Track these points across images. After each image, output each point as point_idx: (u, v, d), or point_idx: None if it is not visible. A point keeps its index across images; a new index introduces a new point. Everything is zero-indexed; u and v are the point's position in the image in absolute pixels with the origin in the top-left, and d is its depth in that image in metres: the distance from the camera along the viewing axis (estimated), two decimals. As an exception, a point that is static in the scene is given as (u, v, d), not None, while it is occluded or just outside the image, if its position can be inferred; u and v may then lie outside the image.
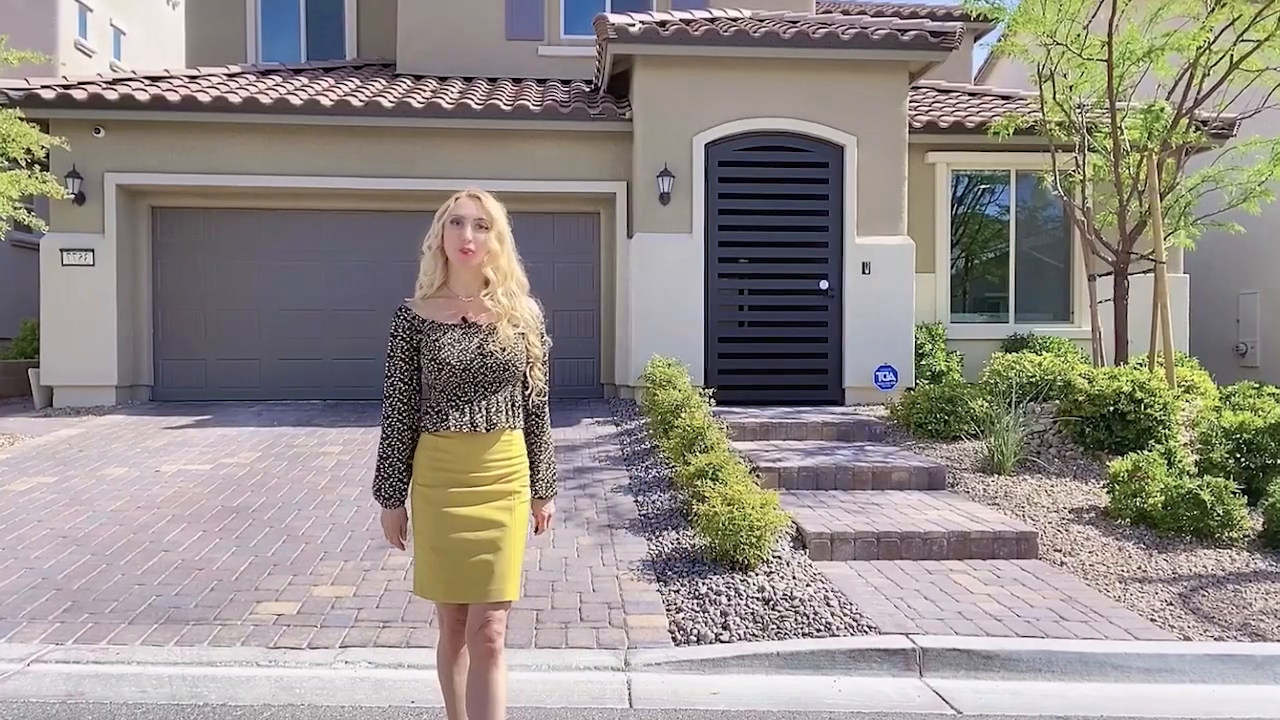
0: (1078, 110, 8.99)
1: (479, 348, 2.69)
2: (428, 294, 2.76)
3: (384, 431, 2.76)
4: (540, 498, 2.91)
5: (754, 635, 4.26)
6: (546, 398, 2.90)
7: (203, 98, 9.57)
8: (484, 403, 2.71)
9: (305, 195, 10.19)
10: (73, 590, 4.68)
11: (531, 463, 2.86)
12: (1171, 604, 4.69)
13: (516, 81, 11.45)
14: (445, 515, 2.68)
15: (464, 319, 2.72)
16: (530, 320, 2.79)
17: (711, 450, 6.07)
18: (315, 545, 5.36)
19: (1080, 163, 8.90)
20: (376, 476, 2.77)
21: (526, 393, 2.81)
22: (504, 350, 2.71)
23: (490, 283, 2.74)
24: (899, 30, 9.49)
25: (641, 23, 9.41)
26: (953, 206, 11.01)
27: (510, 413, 2.77)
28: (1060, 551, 5.44)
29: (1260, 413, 6.60)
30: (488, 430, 2.71)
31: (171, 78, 10.62)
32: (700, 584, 4.73)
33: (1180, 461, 6.42)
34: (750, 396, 9.30)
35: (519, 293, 2.78)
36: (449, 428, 2.69)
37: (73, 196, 9.47)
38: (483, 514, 2.69)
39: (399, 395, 2.74)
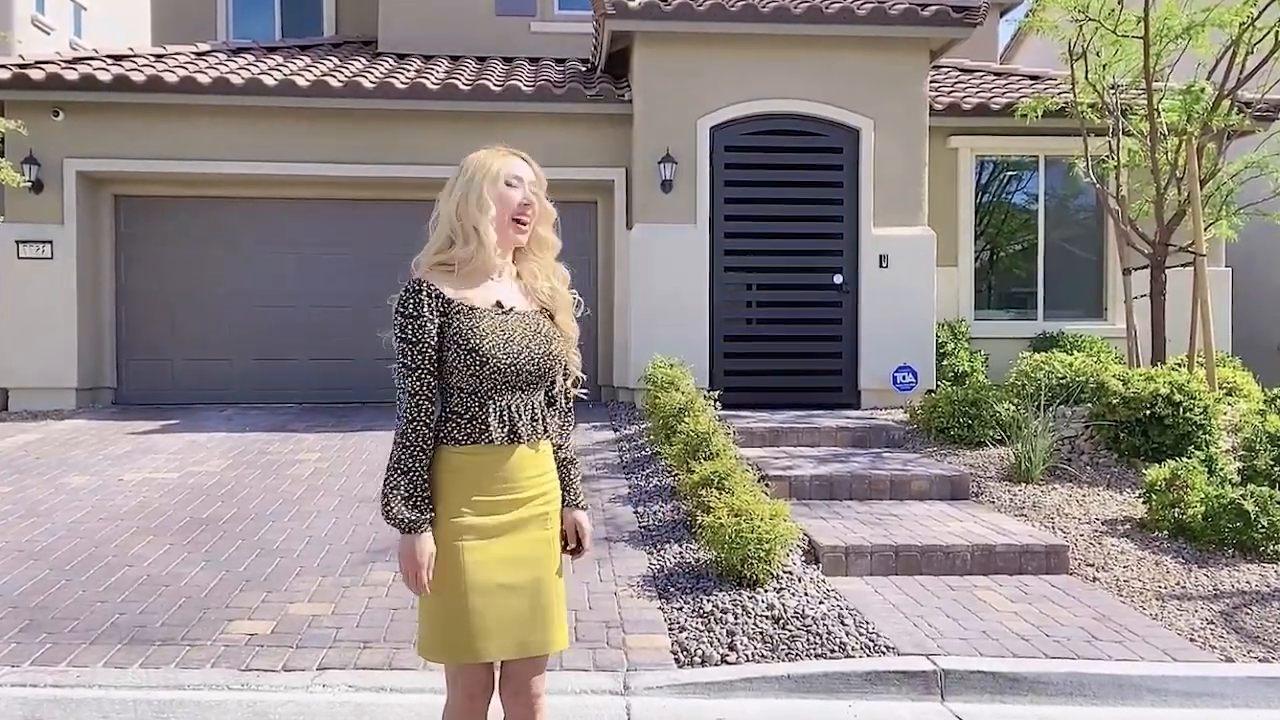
0: (1111, 91, 8.98)
1: (523, 339, 2.40)
2: (446, 270, 2.43)
3: (406, 438, 2.35)
4: (578, 506, 2.60)
5: (763, 656, 4.26)
6: (576, 388, 2.62)
7: (169, 78, 9.58)
8: (524, 406, 2.42)
9: (280, 183, 10.20)
10: (29, 608, 4.68)
11: (561, 467, 2.57)
12: (1212, 623, 4.69)
13: (507, 60, 11.46)
14: (471, 551, 2.35)
15: (498, 302, 2.42)
16: (565, 295, 2.52)
17: (717, 457, 6.06)
18: (290, 560, 5.36)
19: (1114, 147, 8.90)
20: (394, 495, 2.32)
21: (558, 389, 2.53)
22: (550, 341, 2.43)
23: (538, 239, 2.48)
24: (919, 5, 9.48)
25: (642, -4, 9.41)
26: (977, 195, 11.01)
27: (547, 417, 2.50)
28: (1092, 566, 5.44)
29: (1308, 417, 6.60)
30: (529, 439, 2.42)
31: (136, 56, 10.61)
32: (705, 601, 4.73)
33: (1222, 469, 6.42)
34: (759, 399, 9.30)
35: (555, 266, 2.54)
36: (488, 439, 2.37)
37: (30, 184, 9.46)
38: (517, 548, 2.39)
39: (428, 393, 2.36)
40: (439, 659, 2.43)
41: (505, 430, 2.39)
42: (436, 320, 2.36)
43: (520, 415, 2.41)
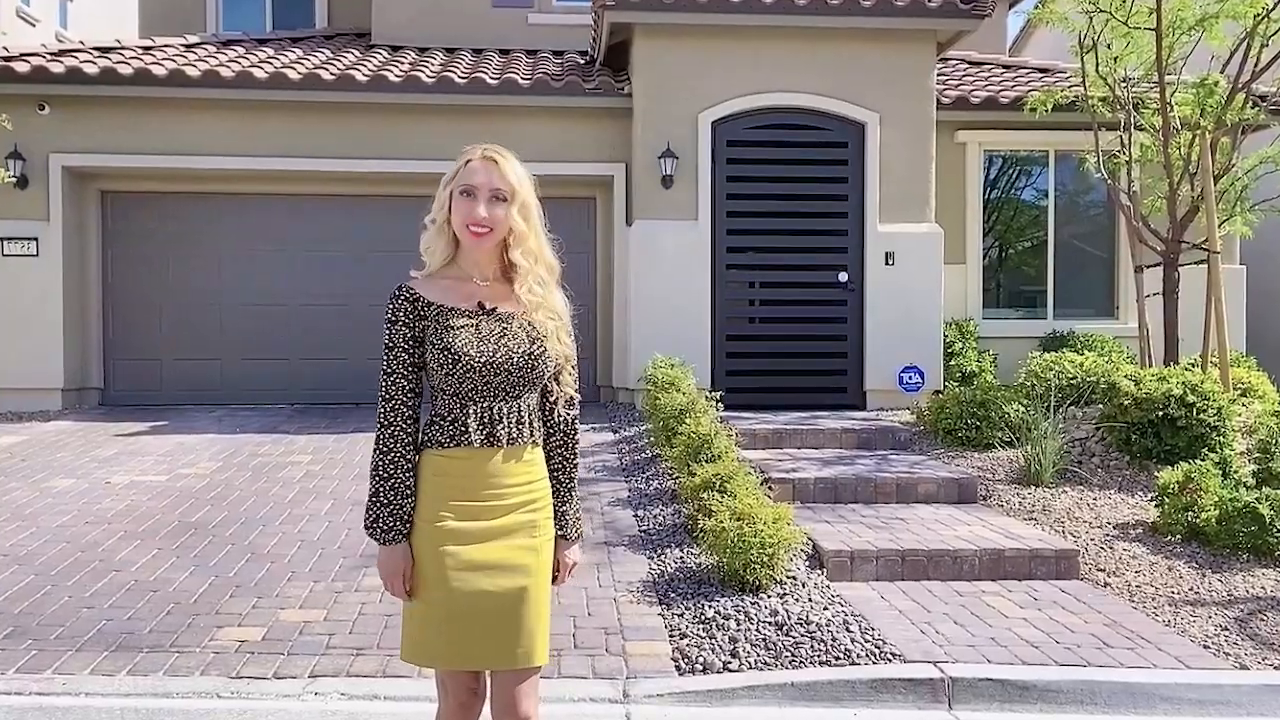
0: (1123, 84, 8.98)
1: (503, 338, 2.41)
2: (431, 274, 2.50)
3: (382, 444, 2.41)
4: (565, 537, 2.58)
5: (766, 664, 4.26)
6: (577, 410, 2.61)
7: (158, 71, 9.57)
8: (505, 409, 2.42)
9: (270, 178, 10.18)
10: (14, 614, 4.67)
11: (555, 492, 2.55)
12: (1227, 629, 4.69)
13: (504, 53, 11.46)
14: (453, 556, 2.36)
15: (480, 304, 2.44)
16: (561, 312, 2.52)
17: (719, 459, 6.07)
18: (282, 564, 5.36)
19: (1126, 142, 8.90)
20: (372, 503, 2.40)
21: (551, 401, 2.54)
22: (534, 343, 2.43)
23: (518, 269, 2.46)
24: (926, -4, 9.48)
25: (642, -13, 9.40)
26: (985, 190, 11.00)
27: (535, 424, 2.50)
28: (1104, 571, 5.44)
29: (1324, 418, 6.60)
30: (510, 444, 2.42)
31: (123, 49, 10.62)
32: (707, 607, 4.73)
33: (1236, 472, 6.42)
34: (761, 400, 9.30)
35: (549, 280, 2.51)
36: (467, 441, 2.39)
37: (14, 180, 9.45)
38: (501, 555, 2.39)
39: (404, 398, 2.41)
40: (415, 662, 2.48)
41: (484, 433, 2.40)
42: (413, 325, 2.41)
43: (502, 419, 2.42)
